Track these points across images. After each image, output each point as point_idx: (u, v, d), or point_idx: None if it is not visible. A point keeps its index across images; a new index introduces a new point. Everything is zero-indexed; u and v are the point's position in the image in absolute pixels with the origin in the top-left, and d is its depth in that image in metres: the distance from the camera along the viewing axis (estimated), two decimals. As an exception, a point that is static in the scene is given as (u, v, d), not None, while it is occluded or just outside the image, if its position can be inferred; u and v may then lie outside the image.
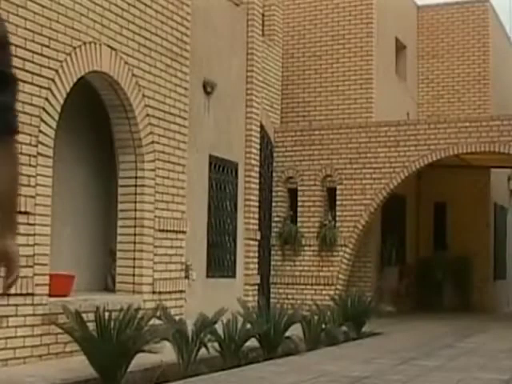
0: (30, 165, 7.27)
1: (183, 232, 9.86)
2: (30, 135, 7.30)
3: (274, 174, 15.11)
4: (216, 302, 9.15)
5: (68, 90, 7.89)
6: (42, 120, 7.45)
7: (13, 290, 5.76)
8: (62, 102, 7.78)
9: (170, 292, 9.49)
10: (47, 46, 7.60)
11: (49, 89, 7.60)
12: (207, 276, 11.77)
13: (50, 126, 7.53)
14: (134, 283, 9.02)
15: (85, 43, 8.14)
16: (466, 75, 19.13)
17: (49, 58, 7.62)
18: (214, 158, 12.07)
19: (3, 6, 7.08)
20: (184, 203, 9.92)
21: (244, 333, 8.04)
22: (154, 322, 7.08)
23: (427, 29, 19.53)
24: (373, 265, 15.80)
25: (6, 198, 2.27)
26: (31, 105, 7.35)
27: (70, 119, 8.65)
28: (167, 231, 9.49)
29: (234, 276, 12.64)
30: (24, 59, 7.30)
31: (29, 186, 7.23)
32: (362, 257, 15.46)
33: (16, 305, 7.13)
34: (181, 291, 9.78)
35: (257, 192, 13.42)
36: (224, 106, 12.38)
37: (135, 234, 9.07)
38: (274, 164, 15.13)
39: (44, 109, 7.48)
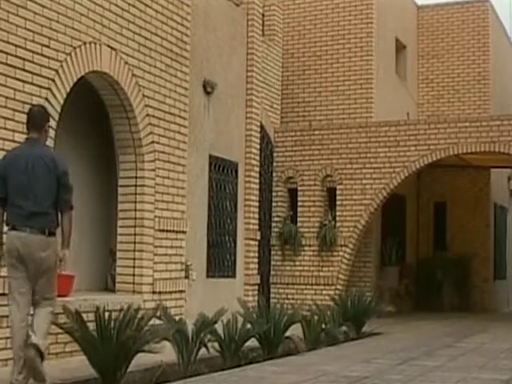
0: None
1: (183, 232, 9.86)
2: (30, 135, 7.27)
3: (274, 174, 15.12)
4: (216, 302, 9.16)
5: (68, 89, 7.89)
6: (42, 120, 7.44)
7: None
8: (62, 102, 7.78)
9: (170, 292, 9.48)
10: (47, 46, 7.60)
11: (49, 89, 7.60)
12: (207, 276, 11.77)
13: (50, 126, 7.51)
14: (134, 283, 9.02)
15: (85, 43, 8.14)
16: (466, 75, 19.13)
17: (49, 57, 7.62)
18: (214, 157, 12.06)
19: (3, 5, 7.08)
20: (184, 203, 9.92)
21: (244, 333, 8.03)
22: (154, 322, 7.08)
23: (427, 29, 19.53)
24: (373, 265, 15.80)
25: (69, 235, 5.92)
26: (31, 105, 7.33)
27: (70, 119, 8.65)
28: (167, 231, 9.49)
29: (234, 276, 12.64)
30: (24, 59, 7.30)
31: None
32: (362, 257, 15.46)
33: (16, 305, 7.11)
34: (181, 291, 9.77)
35: (257, 192, 13.42)
36: (224, 105, 12.38)
37: (135, 234, 9.07)
38: (274, 164, 15.13)
39: (44, 109, 7.46)
